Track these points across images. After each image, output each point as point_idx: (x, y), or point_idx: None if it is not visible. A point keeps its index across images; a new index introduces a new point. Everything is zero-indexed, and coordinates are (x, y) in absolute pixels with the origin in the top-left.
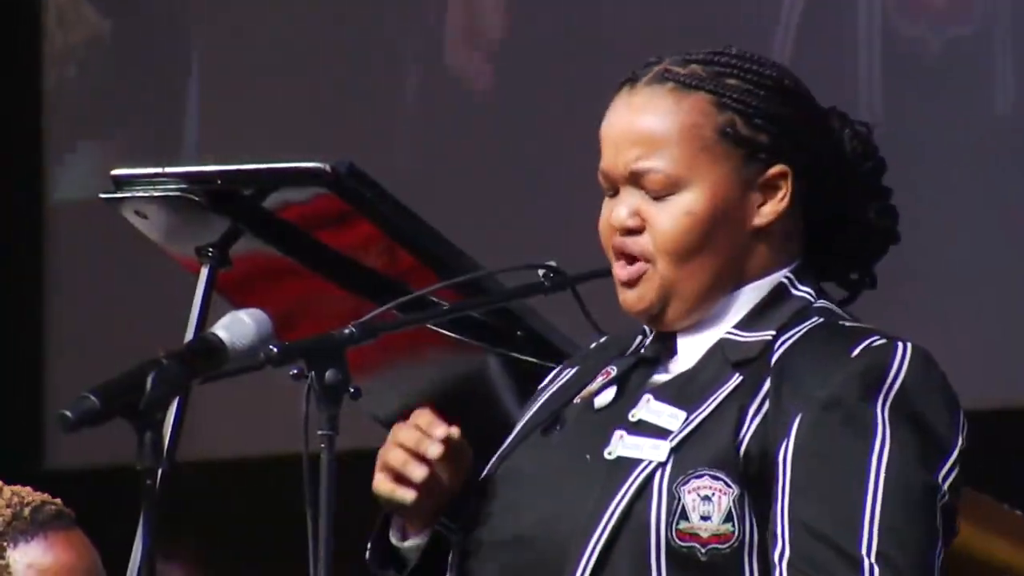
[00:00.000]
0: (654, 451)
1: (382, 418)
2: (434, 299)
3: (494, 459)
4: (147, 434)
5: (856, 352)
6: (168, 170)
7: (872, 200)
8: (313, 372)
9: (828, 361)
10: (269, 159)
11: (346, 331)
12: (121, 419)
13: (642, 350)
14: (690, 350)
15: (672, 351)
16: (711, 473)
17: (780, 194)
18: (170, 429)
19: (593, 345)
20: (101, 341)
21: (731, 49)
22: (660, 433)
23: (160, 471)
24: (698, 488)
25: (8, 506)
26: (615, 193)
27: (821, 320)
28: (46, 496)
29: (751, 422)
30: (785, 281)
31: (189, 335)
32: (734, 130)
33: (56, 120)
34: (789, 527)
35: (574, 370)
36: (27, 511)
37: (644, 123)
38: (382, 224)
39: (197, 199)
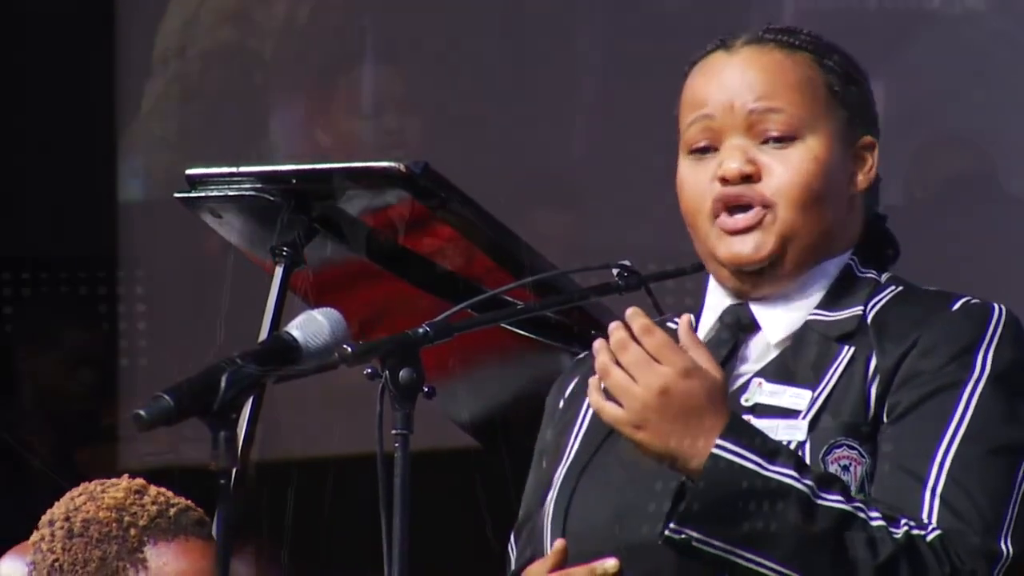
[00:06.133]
0: (790, 431)
1: (456, 418)
2: (508, 299)
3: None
4: (221, 434)
5: (956, 306)
6: (243, 169)
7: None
8: (387, 371)
9: (928, 314)
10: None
11: (420, 331)
12: (195, 419)
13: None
14: (775, 325)
15: (752, 328)
16: (848, 443)
17: (867, 165)
18: (244, 429)
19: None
20: (175, 341)
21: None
22: (786, 413)
23: (234, 471)
24: (839, 458)
25: (154, 503)
26: (705, 151)
27: (902, 288)
28: (190, 502)
29: (871, 385)
30: (851, 263)
31: (264, 335)
32: (842, 89)
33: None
34: (881, 460)
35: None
36: (172, 511)
37: (760, 71)
38: (456, 224)
39: (272, 199)
